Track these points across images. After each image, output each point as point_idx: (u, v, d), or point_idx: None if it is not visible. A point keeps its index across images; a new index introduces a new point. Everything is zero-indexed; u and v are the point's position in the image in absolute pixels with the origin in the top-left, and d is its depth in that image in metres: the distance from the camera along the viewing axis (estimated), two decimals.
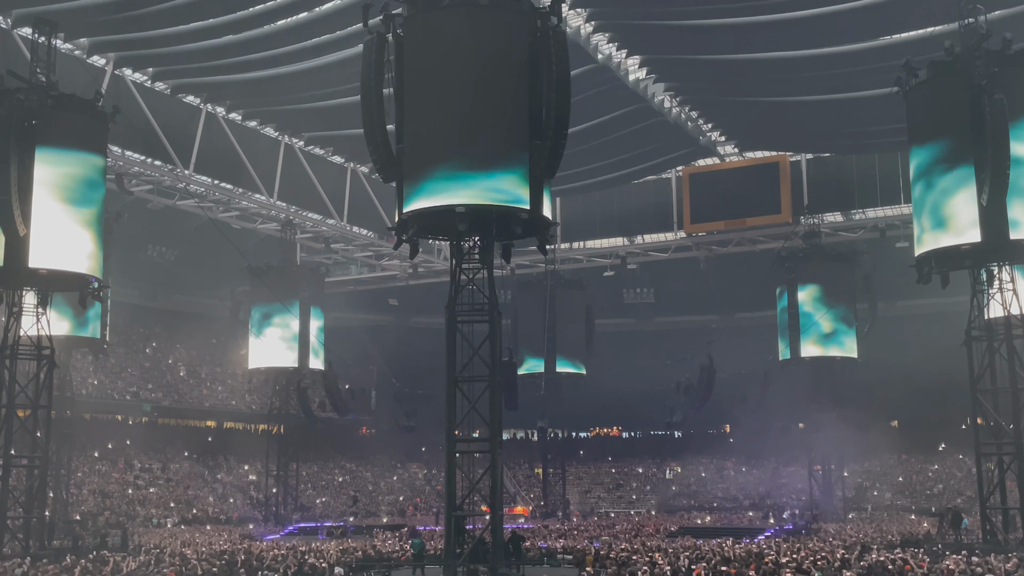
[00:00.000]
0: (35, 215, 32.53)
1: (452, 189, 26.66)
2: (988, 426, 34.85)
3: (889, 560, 25.39)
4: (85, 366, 58.37)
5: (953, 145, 32.69)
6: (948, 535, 36.97)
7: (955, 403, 48.02)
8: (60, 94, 34.01)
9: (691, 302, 75.69)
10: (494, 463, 26.82)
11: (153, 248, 65.40)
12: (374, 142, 26.77)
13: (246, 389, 69.22)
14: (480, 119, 26.74)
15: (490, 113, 26.80)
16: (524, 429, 74.77)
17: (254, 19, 44.22)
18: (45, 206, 32.94)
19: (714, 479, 71.40)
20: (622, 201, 68.85)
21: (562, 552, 34.43)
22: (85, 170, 34.33)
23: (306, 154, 59.68)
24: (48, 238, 33.03)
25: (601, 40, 48.94)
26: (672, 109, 56.73)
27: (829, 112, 52.46)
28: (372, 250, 67.90)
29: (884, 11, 41.77)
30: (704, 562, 26.27)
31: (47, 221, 32.96)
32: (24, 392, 34.42)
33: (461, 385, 27.44)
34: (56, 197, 33.28)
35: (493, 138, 26.84)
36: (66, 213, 33.64)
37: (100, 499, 54.00)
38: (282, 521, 55.01)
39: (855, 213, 62.90)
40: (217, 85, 51.59)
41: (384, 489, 71.29)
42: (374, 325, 76.01)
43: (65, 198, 33.64)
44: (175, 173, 51.77)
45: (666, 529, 46.91)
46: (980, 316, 34.40)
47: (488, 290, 27.82)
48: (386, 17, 27.29)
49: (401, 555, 33.30)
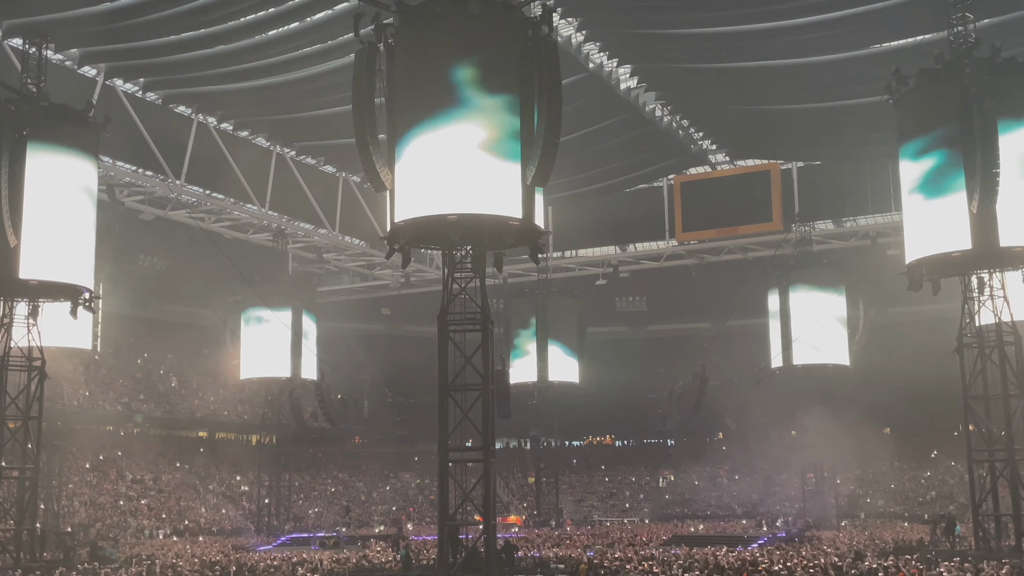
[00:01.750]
0: (26, 226, 32.47)
1: (444, 198, 26.67)
2: (980, 433, 34.90)
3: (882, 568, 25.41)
4: (76, 377, 58.13)
5: (943, 153, 32.81)
6: (941, 542, 37.02)
7: (947, 410, 48.11)
8: (51, 104, 33.98)
9: (683, 310, 75.82)
10: (487, 472, 26.77)
11: (144, 258, 65.26)
12: (366, 152, 26.75)
13: (238, 399, 69.04)
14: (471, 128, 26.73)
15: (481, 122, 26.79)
16: (517, 438, 74.73)
17: (245, 29, 44.21)
18: (36, 217, 32.85)
19: (707, 487, 71.38)
20: (614, 210, 68.92)
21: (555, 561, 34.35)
22: (76, 180, 34.27)
23: (298, 164, 59.63)
24: (39, 249, 32.94)
25: (592, 49, 49.06)
26: (663, 118, 56.88)
27: (820, 120, 52.65)
28: (364, 260, 67.82)
29: (874, 20, 41.93)
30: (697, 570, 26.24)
31: (38, 232, 32.88)
32: (15, 403, 34.29)
33: (454, 394, 27.38)
34: (47, 207, 33.19)
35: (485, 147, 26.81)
36: (57, 224, 33.54)
37: (91, 510, 53.74)
38: (274, 532, 54.81)
39: (846, 221, 63.04)
40: (208, 95, 51.54)
41: (377, 499, 71.12)
42: (366, 334, 75.90)
43: (56, 209, 33.56)
44: (166, 183, 51.70)
45: (659, 538, 46.87)
46: (971, 323, 34.49)
47: (480, 299, 27.80)
48: (377, 27, 27.29)
49: (394, 565, 33.21)
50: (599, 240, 70.47)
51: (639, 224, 68.93)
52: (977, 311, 34.32)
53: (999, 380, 33.48)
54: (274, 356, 57.27)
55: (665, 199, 67.55)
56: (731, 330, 61.57)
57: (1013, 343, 33.59)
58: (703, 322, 72.09)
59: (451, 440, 27.26)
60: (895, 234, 52.09)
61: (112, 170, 49.18)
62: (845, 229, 62.90)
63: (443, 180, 26.63)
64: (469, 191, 26.63)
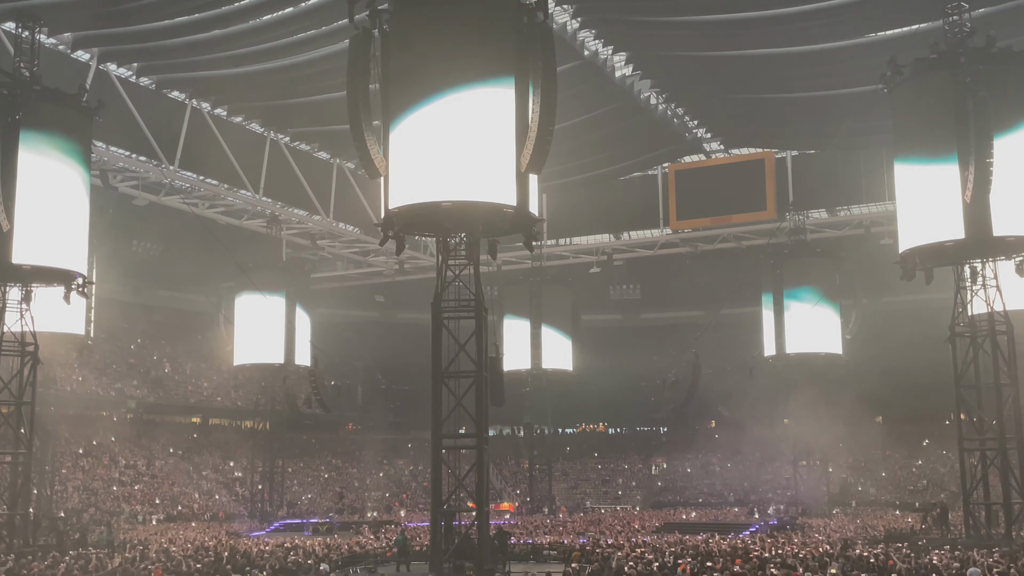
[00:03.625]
0: (18, 210, 32.37)
1: (438, 185, 26.66)
2: (971, 421, 35.08)
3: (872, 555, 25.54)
4: (69, 362, 58.08)
5: (937, 142, 32.85)
6: (933, 531, 37.21)
7: (939, 399, 48.29)
8: (44, 89, 33.86)
9: (677, 298, 75.95)
10: (480, 459, 26.83)
11: (138, 244, 65.14)
12: (360, 138, 26.69)
13: (231, 385, 69.05)
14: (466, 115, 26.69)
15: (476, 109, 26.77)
16: (510, 425, 74.86)
17: (240, 14, 44.00)
18: (29, 201, 32.76)
19: (699, 475, 71.63)
20: (608, 197, 68.87)
21: (548, 548, 34.48)
22: (69, 165, 34.16)
23: (292, 150, 59.45)
24: (32, 233, 32.85)
25: (587, 36, 48.93)
26: (658, 106, 56.80)
27: (815, 109, 52.60)
28: (358, 246, 67.73)
29: (870, 8, 41.89)
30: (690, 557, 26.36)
31: (31, 216, 32.79)
32: (8, 388, 34.26)
33: (447, 381, 27.42)
34: (40, 192, 33.09)
35: (479, 134, 26.80)
36: (50, 208, 33.46)
37: (85, 496, 53.78)
38: (268, 518, 54.91)
39: (840, 210, 63.09)
40: (202, 80, 51.33)
41: (370, 485, 71.23)
42: (360, 321, 75.89)
43: (49, 193, 33.47)
44: (160, 169, 51.52)
45: (652, 525, 47.05)
46: (964, 312, 34.62)
47: (474, 286, 27.82)
48: (372, 12, 27.20)
49: (387, 551, 33.30)
50: (593, 228, 70.44)
51: (633, 212, 68.91)
52: (970, 300, 34.44)
53: (991, 369, 33.61)
54: (268, 342, 57.26)
55: (660, 187, 67.52)
56: (725, 318, 61.77)
57: (1005, 332, 33.72)
58: (697, 310, 72.25)
59: (444, 427, 27.32)
60: (889, 223, 52.21)
61: (105, 155, 49.02)
62: (839, 218, 62.97)
63: (437, 167, 26.62)
64: (463, 178, 26.61)
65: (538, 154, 26.47)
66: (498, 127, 26.72)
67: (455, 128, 26.57)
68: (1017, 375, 33.68)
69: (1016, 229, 32.50)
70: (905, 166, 34.58)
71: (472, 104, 26.57)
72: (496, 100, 26.74)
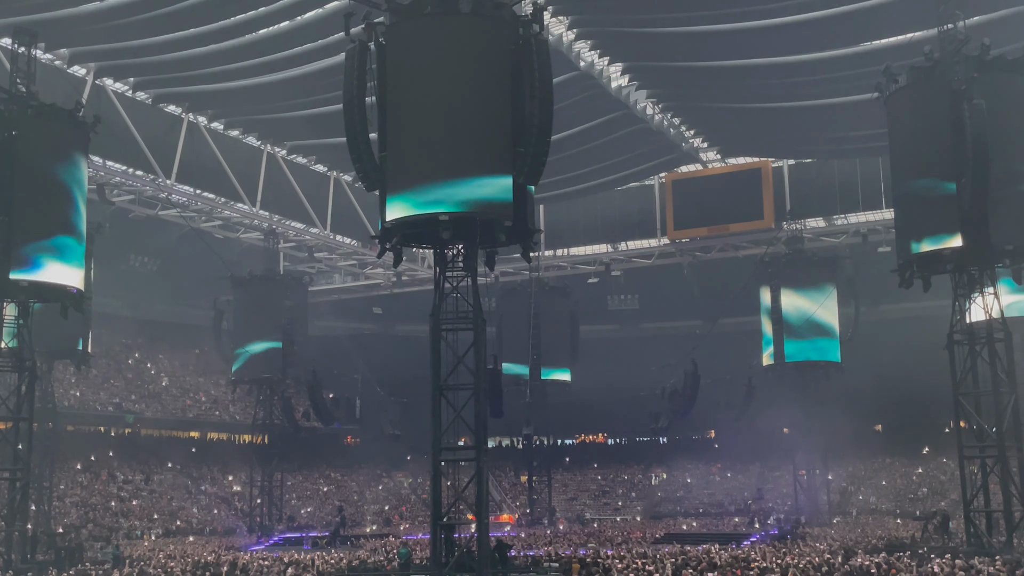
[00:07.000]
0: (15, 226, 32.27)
1: (435, 197, 26.66)
2: (971, 429, 34.99)
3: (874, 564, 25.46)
4: (67, 377, 57.96)
5: (933, 150, 32.89)
6: (934, 539, 37.10)
7: (938, 407, 48.20)
8: (41, 104, 33.81)
9: (675, 308, 75.87)
10: (480, 471, 26.76)
11: (135, 258, 65.06)
12: (357, 151, 26.70)
13: (230, 399, 68.89)
14: (463, 127, 26.71)
15: (473, 121, 26.78)
16: (509, 437, 74.71)
17: (236, 28, 44.15)
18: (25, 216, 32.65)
19: (700, 484, 71.41)
20: (606, 208, 68.99)
21: (548, 560, 34.36)
22: (66, 180, 34.12)
23: (288, 163, 59.57)
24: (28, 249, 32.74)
25: (583, 47, 49.09)
26: (654, 116, 56.92)
27: (811, 118, 52.76)
28: (356, 259, 67.79)
29: (864, 17, 42.04)
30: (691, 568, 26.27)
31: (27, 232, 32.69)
32: (5, 404, 34.17)
33: (446, 393, 27.37)
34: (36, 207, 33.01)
35: (476, 146, 26.80)
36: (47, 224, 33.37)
37: (83, 511, 53.59)
38: (267, 532, 54.70)
39: (837, 218, 63.22)
40: (199, 94, 51.44)
41: (369, 498, 71.00)
42: (358, 333, 75.76)
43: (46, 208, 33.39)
44: (157, 183, 51.61)
45: (652, 535, 46.91)
46: (962, 320, 34.58)
47: (472, 298, 27.77)
48: (368, 26, 27.23)
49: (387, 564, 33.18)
50: (591, 238, 70.57)
51: (631, 222, 69.04)
52: (968, 308, 34.41)
53: (989, 377, 33.58)
54: (265, 356, 57.13)
55: (657, 197, 67.66)
56: (723, 328, 61.69)
57: (1003, 340, 33.69)
58: (695, 320, 72.20)
59: (444, 439, 27.26)
60: (886, 231, 52.31)
61: (102, 170, 49.08)
62: (836, 226, 63.09)
63: (434, 178, 26.61)
64: (460, 190, 26.60)
65: (535, 165, 26.49)
66: (495, 138, 26.73)
67: (452, 139, 26.59)
68: (1016, 382, 33.64)
69: (1014, 236, 32.50)
70: (901, 173, 34.59)
71: (468, 115, 26.59)
72: (493, 111, 26.77)
